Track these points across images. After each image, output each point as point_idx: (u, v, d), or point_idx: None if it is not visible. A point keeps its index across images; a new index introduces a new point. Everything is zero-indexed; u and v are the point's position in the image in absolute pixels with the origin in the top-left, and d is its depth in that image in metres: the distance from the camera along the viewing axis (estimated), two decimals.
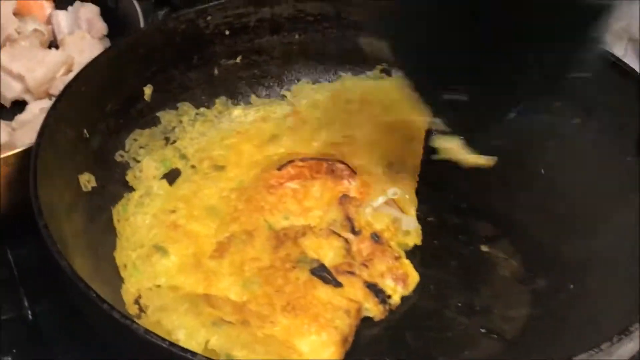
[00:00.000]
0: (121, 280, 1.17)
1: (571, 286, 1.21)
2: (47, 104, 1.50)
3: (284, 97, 1.49)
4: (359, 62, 1.50)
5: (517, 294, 1.24)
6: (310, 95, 1.48)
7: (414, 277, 1.23)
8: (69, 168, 1.20)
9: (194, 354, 0.91)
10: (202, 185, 1.31)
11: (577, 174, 1.32)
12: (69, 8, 1.70)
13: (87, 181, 1.22)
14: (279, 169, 1.31)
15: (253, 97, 1.47)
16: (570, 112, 1.34)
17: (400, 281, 1.22)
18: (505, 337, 1.17)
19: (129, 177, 1.30)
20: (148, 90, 1.35)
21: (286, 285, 1.16)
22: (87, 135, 1.24)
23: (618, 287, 1.17)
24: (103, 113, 1.28)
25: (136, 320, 0.97)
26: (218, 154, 1.37)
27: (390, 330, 1.19)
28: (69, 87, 1.23)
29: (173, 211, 1.27)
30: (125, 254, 1.21)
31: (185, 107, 1.42)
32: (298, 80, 1.50)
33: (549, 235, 1.29)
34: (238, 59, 1.45)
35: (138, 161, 1.33)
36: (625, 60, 1.44)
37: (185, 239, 1.23)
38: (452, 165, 1.27)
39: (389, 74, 1.50)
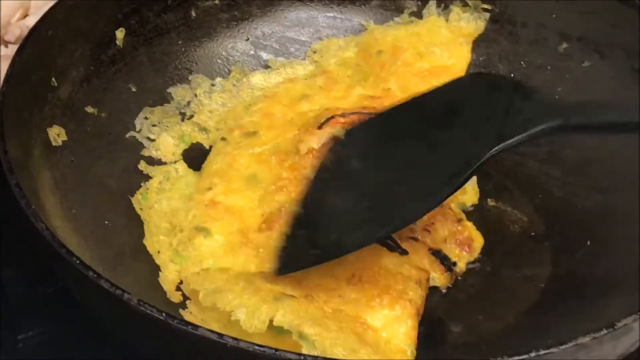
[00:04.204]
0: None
1: (588, 242, 1.13)
2: (3, 51, 1.38)
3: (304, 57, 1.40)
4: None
5: (530, 253, 1.15)
6: (337, 54, 1.38)
7: (479, 241, 1.15)
8: (37, 121, 1.08)
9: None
10: (236, 155, 1.20)
11: None
12: None
13: (57, 135, 1.10)
14: (319, 127, 1.20)
15: (271, 59, 1.38)
16: (580, 54, 1.26)
17: (464, 246, 1.14)
18: (522, 301, 1.09)
19: (141, 166, 1.20)
20: (120, 34, 1.23)
21: (349, 255, 1.05)
22: (55, 84, 1.12)
23: (638, 243, 1.09)
24: (72, 60, 1.16)
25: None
26: (248, 121, 1.26)
27: None
28: (34, 30, 1.12)
29: (209, 188, 1.16)
30: (156, 240, 1.12)
31: (199, 79, 1.32)
32: (321, 39, 1.41)
33: (560, 187, 1.21)
34: (217, 0, 1.34)
35: (152, 140, 1.24)
36: None
37: (228, 216, 1.13)
38: None
39: (419, 16, 1.40)
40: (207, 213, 1.13)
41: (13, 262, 1.20)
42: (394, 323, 1.01)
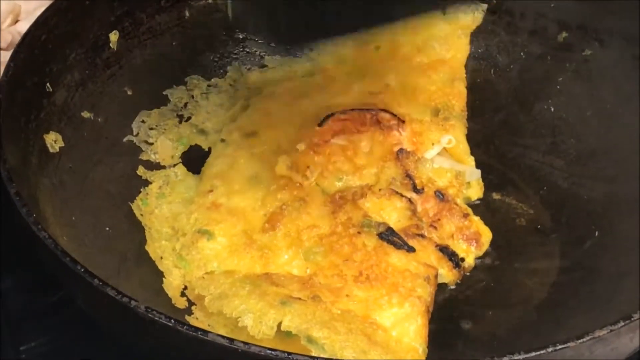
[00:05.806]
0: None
1: (596, 233, 1.11)
2: None
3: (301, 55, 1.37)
4: None
5: (538, 246, 1.14)
6: (334, 51, 1.35)
7: (487, 236, 1.13)
8: (34, 127, 1.06)
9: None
10: (237, 157, 1.19)
11: (591, 111, 1.22)
12: None
13: (54, 141, 1.08)
14: (320, 124, 1.19)
15: (267, 58, 1.36)
16: (580, 43, 1.24)
17: (472, 241, 1.12)
18: (532, 295, 1.07)
19: (140, 171, 1.18)
20: (114, 36, 1.21)
21: (354, 253, 1.05)
22: (51, 90, 1.10)
23: None
24: (66, 64, 1.14)
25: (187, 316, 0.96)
26: (247, 121, 1.25)
27: None
28: (27, 35, 1.09)
29: (210, 191, 1.15)
30: (159, 246, 1.11)
31: (195, 80, 1.30)
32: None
33: (565, 178, 1.20)
34: None
35: (150, 143, 1.22)
36: None
37: (230, 217, 1.12)
38: None
39: None
40: (210, 216, 1.12)
41: (12, 272, 1.18)
42: (403, 321, 1.00)
